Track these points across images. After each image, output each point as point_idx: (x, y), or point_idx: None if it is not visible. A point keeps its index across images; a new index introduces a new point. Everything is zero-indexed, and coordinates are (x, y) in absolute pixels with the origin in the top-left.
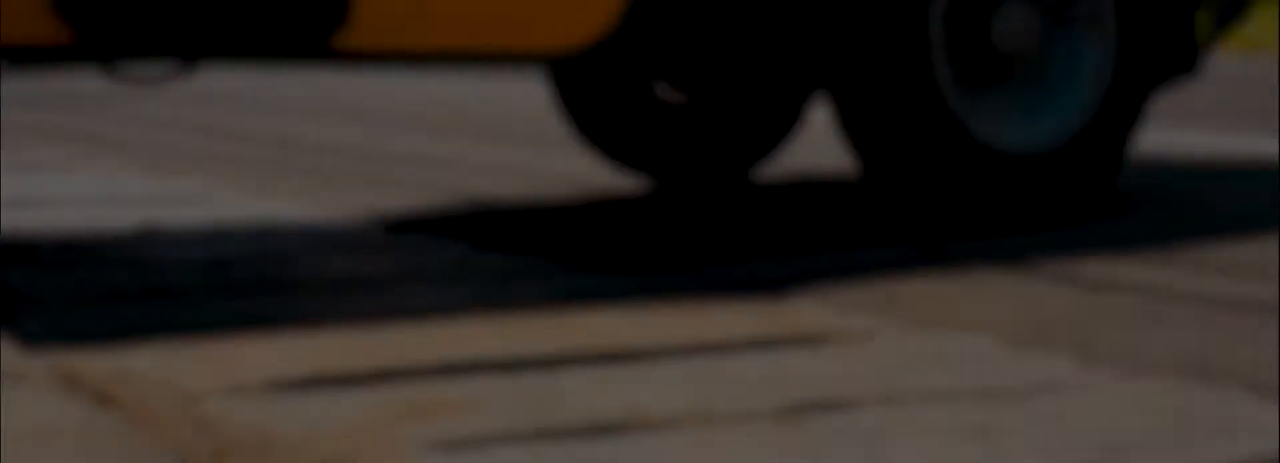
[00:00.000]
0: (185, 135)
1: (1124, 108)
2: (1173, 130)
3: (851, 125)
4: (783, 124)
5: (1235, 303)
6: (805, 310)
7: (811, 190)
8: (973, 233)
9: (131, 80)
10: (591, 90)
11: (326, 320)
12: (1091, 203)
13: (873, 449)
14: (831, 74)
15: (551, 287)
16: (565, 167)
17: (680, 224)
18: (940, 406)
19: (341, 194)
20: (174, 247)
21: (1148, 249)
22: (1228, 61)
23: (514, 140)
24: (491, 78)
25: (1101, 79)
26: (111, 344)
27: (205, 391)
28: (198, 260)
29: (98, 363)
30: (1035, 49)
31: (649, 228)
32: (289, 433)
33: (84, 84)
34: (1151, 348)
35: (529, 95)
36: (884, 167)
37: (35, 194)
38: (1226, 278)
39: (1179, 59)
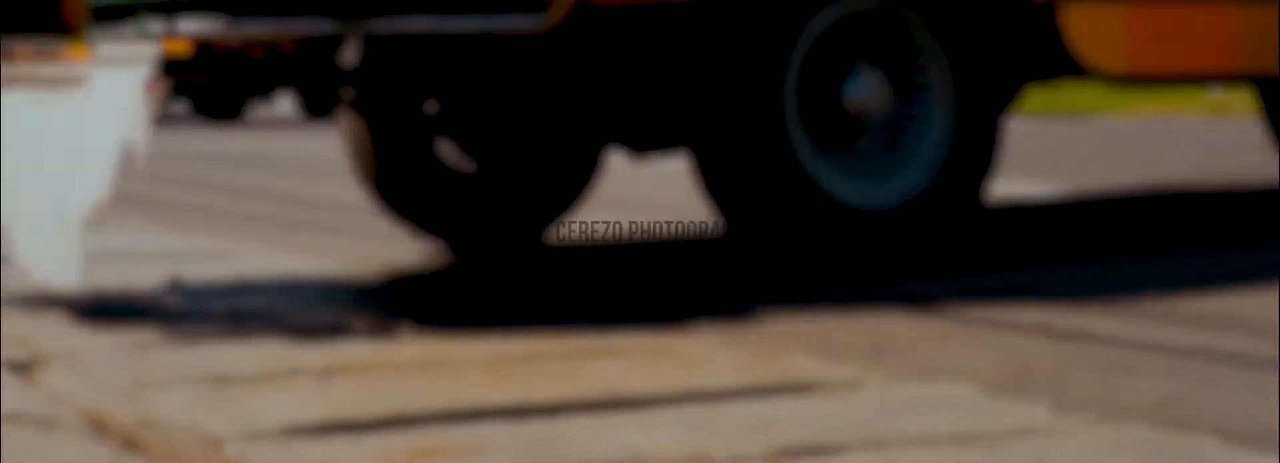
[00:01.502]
0: (206, 194)
1: (970, 166)
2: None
3: (711, 183)
4: (574, 185)
5: (1202, 352)
6: (794, 359)
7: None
8: (952, 286)
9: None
10: (381, 152)
11: (341, 368)
12: (944, 253)
13: None
14: (691, 136)
15: (559, 335)
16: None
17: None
18: (923, 450)
19: (354, 249)
20: (197, 299)
21: (1118, 301)
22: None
23: None
24: None
25: (946, 140)
26: (138, 391)
27: (226, 435)
28: (220, 312)
29: (125, 409)
30: (885, 112)
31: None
32: None
33: None
34: (1123, 395)
35: None
36: (742, 222)
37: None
38: (1192, 329)
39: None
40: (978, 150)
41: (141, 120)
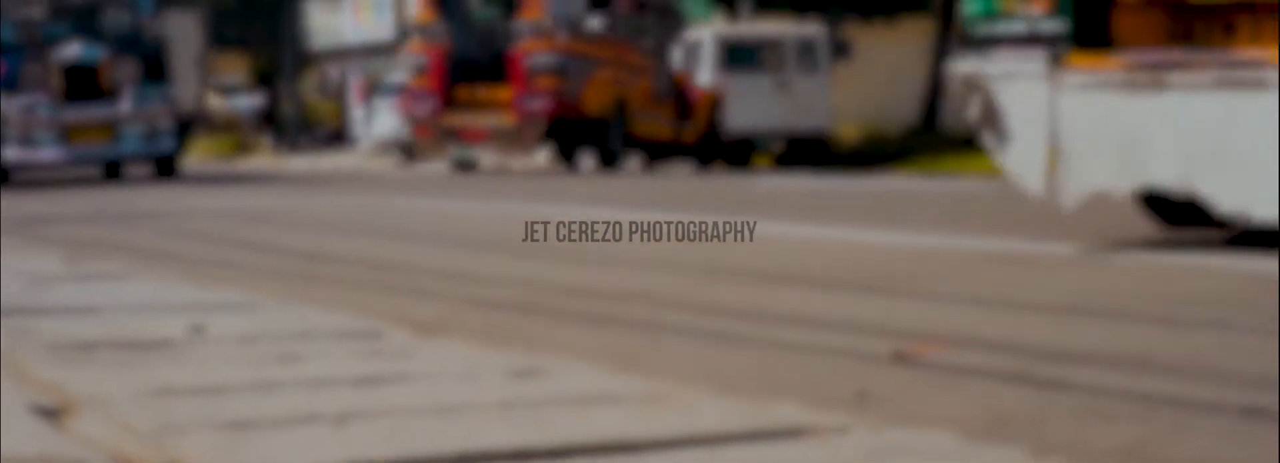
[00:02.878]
0: (227, 249)
1: None
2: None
3: None
4: None
5: (1173, 400)
6: (785, 407)
7: None
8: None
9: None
10: None
11: (356, 413)
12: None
13: None
14: None
15: (560, 384)
16: (566, 276)
17: None
18: None
19: (368, 301)
20: (219, 348)
21: (1095, 350)
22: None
23: (519, 253)
24: (490, 196)
25: None
26: (163, 436)
27: None
28: (240, 360)
29: (151, 453)
30: None
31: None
32: None
33: (135, 203)
34: (1097, 440)
35: (529, 213)
36: None
37: (96, 302)
38: (1164, 378)
39: None
40: None
41: None
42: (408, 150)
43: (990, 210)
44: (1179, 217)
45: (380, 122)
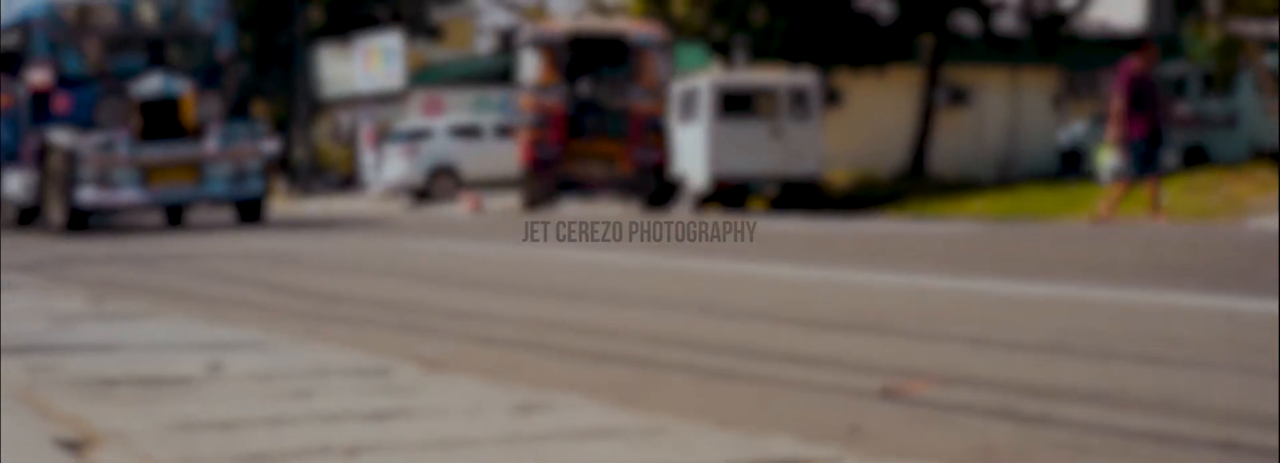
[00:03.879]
0: (244, 289)
1: None
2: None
3: None
4: None
5: (1153, 435)
6: (781, 440)
7: None
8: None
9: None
10: None
11: (367, 447)
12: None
13: None
14: None
15: (563, 419)
16: (568, 314)
17: None
18: None
19: (379, 339)
20: (236, 384)
21: (1078, 387)
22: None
23: (524, 292)
24: (496, 239)
25: None
26: None
27: None
28: (256, 396)
29: None
30: None
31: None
32: None
33: (155, 247)
34: None
35: (548, 255)
36: None
37: (118, 339)
38: (1144, 413)
39: None
40: None
41: None
42: (418, 194)
43: (977, 252)
44: None
45: (390, 167)
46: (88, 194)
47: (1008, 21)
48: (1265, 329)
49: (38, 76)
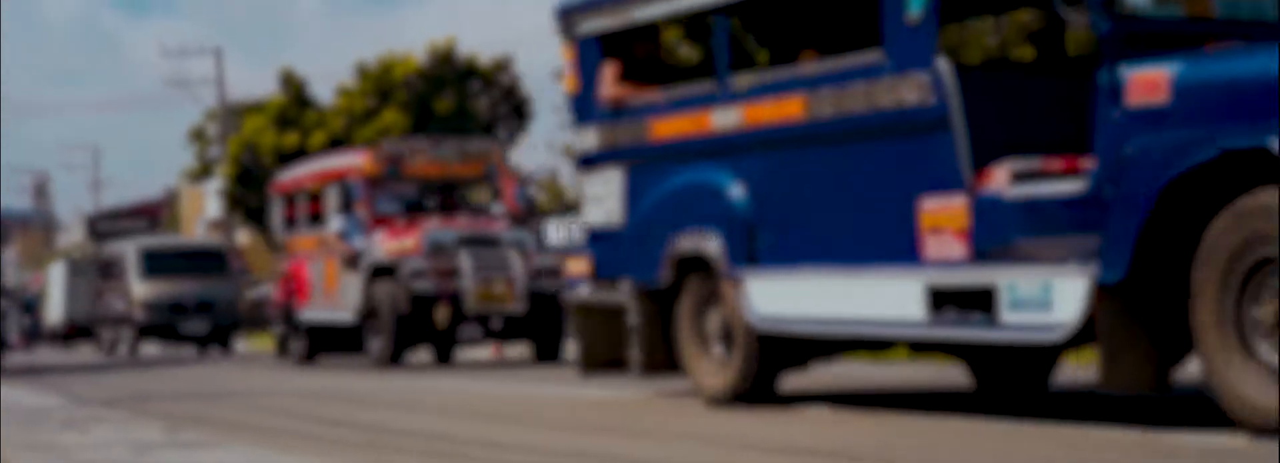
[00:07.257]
0: (302, 422)
1: None
2: None
3: None
4: None
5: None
6: None
7: None
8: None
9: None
10: None
11: None
12: None
13: None
14: None
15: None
16: (605, 448)
17: None
18: None
19: None
20: None
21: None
22: None
23: (576, 428)
24: (542, 380)
25: None
26: None
27: None
28: None
29: None
30: None
31: None
32: None
33: (220, 382)
34: None
35: (594, 390)
36: None
37: None
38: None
39: None
40: None
41: None
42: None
43: None
44: None
45: None
46: None
47: None
48: None
49: None
